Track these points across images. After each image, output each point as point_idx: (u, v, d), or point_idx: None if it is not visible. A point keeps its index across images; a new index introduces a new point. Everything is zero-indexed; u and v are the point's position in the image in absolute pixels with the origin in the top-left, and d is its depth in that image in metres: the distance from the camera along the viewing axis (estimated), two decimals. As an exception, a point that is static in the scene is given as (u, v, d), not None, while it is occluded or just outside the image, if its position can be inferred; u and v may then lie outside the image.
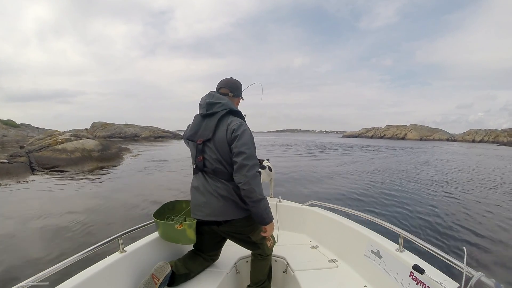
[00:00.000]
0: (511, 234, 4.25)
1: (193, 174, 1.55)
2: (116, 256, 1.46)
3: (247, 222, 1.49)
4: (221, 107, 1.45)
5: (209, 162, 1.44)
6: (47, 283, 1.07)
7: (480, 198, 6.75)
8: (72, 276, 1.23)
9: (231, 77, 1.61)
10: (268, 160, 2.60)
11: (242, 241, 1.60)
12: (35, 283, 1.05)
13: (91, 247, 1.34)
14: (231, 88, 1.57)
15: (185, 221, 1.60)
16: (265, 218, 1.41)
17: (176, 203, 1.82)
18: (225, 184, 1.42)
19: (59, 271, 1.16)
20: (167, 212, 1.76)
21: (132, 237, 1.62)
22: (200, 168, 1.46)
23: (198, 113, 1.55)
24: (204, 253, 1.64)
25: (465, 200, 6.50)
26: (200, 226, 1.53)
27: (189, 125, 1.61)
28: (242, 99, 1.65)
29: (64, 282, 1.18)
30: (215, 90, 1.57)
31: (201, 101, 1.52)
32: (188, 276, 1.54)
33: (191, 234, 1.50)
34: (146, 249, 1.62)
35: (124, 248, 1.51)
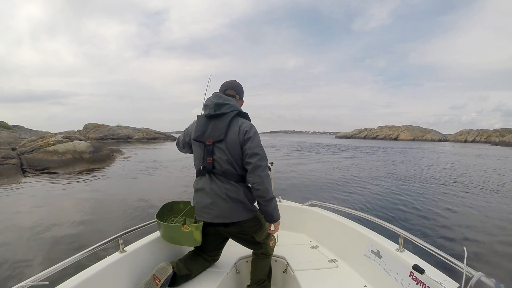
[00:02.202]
0: (511, 234, 4.29)
1: (197, 176, 1.52)
2: (116, 256, 1.45)
3: (254, 223, 1.51)
4: (230, 108, 1.44)
5: (218, 163, 1.41)
6: (47, 283, 1.06)
7: (479, 197, 6.82)
8: (72, 276, 1.22)
9: (235, 80, 1.61)
10: (271, 164, 2.62)
11: (246, 241, 1.60)
12: (35, 283, 1.04)
13: (91, 247, 1.33)
14: (237, 90, 1.57)
15: (185, 222, 1.58)
16: (274, 216, 1.49)
17: (174, 204, 1.81)
18: (235, 186, 1.42)
19: (59, 271, 1.15)
20: (165, 213, 1.74)
21: (132, 237, 1.62)
22: (208, 169, 1.43)
23: (201, 113, 1.52)
24: (206, 254, 1.64)
25: (460, 199, 6.58)
26: (205, 227, 1.52)
27: (190, 126, 1.60)
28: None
29: (64, 282, 1.17)
30: (219, 91, 1.55)
31: (207, 101, 1.50)
32: (189, 276, 1.54)
33: (198, 236, 1.48)
34: (146, 249, 1.62)
35: (124, 248, 1.51)
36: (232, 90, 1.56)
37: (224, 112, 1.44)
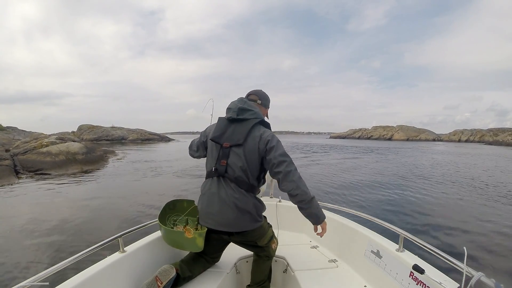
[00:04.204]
0: (512, 234, 4.33)
1: (207, 178, 1.47)
2: (116, 256, 1.45)
3: (258, 231, 1.50)
4: (253, 115, 1.43)
5: (232, 169, 1.37)
6: (47, 283, 1.05)
7: (477, 197, 6.88)
8: (72, 276, 1.21)
9: (261, 90, 1.62)
10: None
11: (249, 246, 1.60)
12: (35, 283, 1.04)
13: (91, 247, 1.33)
14: (260, 96, 1.57)
15: (187, 222, 1.57)
16: (320, 216, 1.42)
17: (177, 202, 1.77)
18: (244, 196, 1.38)
19: (59, 271, 1.15)
20: (168, 212, 1.72)
21: (132, 237, 1.61)
22: (220, 173, 1.39)
23: (224, 116, 1.50)
24: (207, 256, 1.63)
25: (458, 199, 6.63)
26: (209, 233, 1.49)
27: (208, 128, 1.59)
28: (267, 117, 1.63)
29: (64, 282, 1.16)
30: (244, 97, 1.55)
31: (231, 104, 1.48)
32: (191, 278, 1.54)
33: (201, 242, 1.46)
34: (146, 249, 1.61)
35: (124, 248, 1.51)
36: (255, 95, 1.56)
37: (246, 118, 1.42)
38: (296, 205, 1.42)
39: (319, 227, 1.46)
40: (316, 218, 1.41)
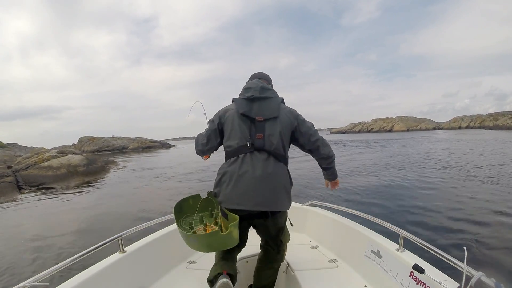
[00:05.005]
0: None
1: (232, 157, 1.35)
2: (116, 256, 1.46)
3: (285, 216, 1.50)
4: (274, 94, 1.45)
5: (269, 141, 1.33)
6: (47, 283, 1.06)
7: (477, 194, 6.69)
8: (72, 276, 1.23)
9: (263, 72, 1.61)
10: None
11: (271, 238, 1.49)
12: (35, 283, 1.05)
13: (92, 247, 1.34)
14: (268, 80, 1.57)
15: (202, 220, 1.44)
16: (336, 173, 1.61)
17: (183, 203, 1.56)
18: (283, 169, 1.36)
19: (59, 271, 1.16)
20: (177, 217, 1.48)
21: (132, 237, 1.63)
22: (258, 146, 1.32)
23: (239, 97, 1.45)
24: (239, 248, 1.49)
25: (461, 195, 6.48)
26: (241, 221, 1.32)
27: (220, 111, 1.47)
28: None
29: (64, 282, 1.17)
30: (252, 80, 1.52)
31: (250, 84, 1.44)
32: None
33: (236, 234, 1.29)
34: (146, 249, 1.63)
35: (124, 248, 1.52)
36: (265, 80, 1.54)
37: (269, 96, 1.41)
38: (296, 205, 1.40)
39: (331, 182, 1.66)
40: (334, 175, 1.61)
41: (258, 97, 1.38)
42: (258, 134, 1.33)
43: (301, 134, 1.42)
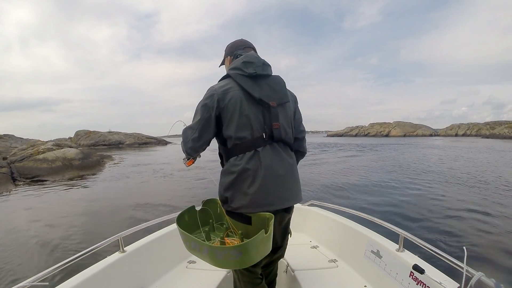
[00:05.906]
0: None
1: (254, 149, 1.10)
2: (116, 256, 1.46)
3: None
4: (271, 71, 1.23)
5: (285, 131, 1.17)
6: (47, 283, 1.06)
7: (478, 195, 6.82)
8: (72, 276, 1.22)
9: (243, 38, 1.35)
10: None
11: (282, 232, 1.33)
12: (35, 283, 1.04)
13: (91, 247, 1.33)
14: (255, 50, 1.33)
15: (214, 228, 1.30)
16: None
17: (180, 220, 1.24)
18: (295, 160, 1.27)
19: (59, 271, 1.15)
20: (188, 231, 1.16)
21: (132, 237, 1.62)
22: (277, 137, 1.13)
23: (237, 72, 1.15)
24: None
25: (458, 197, 6.55)
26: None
27: (222, 87, 1.13)
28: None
29: (64, 282, 1.17)
30: (243, 48, 1.28)
31: (250, 58, 1.17)
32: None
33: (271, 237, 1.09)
34: (146, 249, 1.62)
35: (124, 248, 1.51)
36: (254, 50, 1.31)
37: (270, 74, 1.21)
38: (296, 205, 1.35)
39: None
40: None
41: (261, 75, 1.16)
42: (275, 122, 1.14)
43: (296, 120, 1.30)
